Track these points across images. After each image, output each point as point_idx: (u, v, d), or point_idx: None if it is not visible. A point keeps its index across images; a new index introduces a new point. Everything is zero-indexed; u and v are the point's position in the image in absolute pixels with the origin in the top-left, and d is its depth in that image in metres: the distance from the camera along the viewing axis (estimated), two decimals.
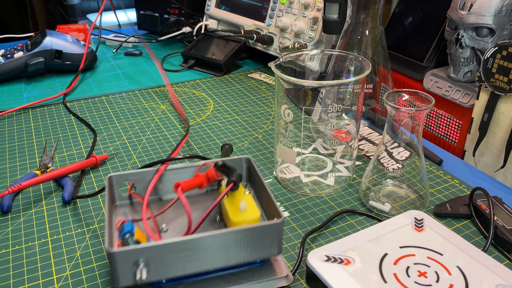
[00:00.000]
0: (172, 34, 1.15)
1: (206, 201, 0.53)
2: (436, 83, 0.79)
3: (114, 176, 0.51)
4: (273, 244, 0.44)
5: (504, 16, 0.69)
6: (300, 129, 0.58)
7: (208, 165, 0.51)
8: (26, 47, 0.98)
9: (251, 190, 0.54)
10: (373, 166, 0.59)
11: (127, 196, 0.52)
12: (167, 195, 0.53)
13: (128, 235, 0.43)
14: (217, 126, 0.80)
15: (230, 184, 0.46)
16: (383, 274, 0.44)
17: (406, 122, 0.54)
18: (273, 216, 0.47)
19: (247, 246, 0.43)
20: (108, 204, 0.47)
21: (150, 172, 0.51)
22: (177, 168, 0.52)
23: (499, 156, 0.66)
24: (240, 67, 1.07)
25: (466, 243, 0.48)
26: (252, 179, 0.53)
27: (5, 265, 0.51)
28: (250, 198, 0.48)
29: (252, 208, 0.47)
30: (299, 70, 0.65)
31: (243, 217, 0.46)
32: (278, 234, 0.44)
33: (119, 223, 0.45)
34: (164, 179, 0.52)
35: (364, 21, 0.68)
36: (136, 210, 0.52)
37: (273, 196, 0.47)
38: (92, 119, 0.83)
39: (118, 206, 0.52)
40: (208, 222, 0.50)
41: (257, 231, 0.43)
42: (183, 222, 0.50)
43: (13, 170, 0.68)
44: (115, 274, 0.40)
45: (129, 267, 0.40)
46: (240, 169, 0.54)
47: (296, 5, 0.93)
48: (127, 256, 0.40)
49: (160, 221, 0.50)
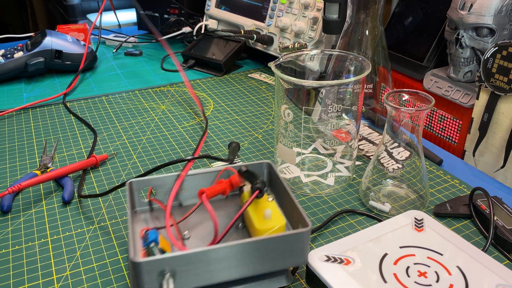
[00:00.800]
0: (172, 34, 1.15)
1: (227, 207, 0.52)
2: (436, 83, 0.79)
3: (135, 181, 0.50)
4: (300, 252, 0.43)
5: (504, 16, 0.69)
6: (300, 129, 0.58)
7: (229, 170, 0.50)
8: (26, 47, 0.98)
9: (272, 195, 0.53)
10: (373, 166, 0.59)
11: (147, 202, 0.51)
12: (188, 201, 0.52)
13: (153, 244, 0.42)
14: (217, 126, 0.80)
15: (256, 192, 0.45)
16: (383, 274, 0.44)
17: (406, 122, 0.54)
18: (297, 223, 0.46)
19: (274, 254, 0.43)
20: (129, 211, 0.46)
21: (171, 178, 0.50)
22: (198, 173, 0.51)
23: (499, 156, 0.66)
24: (240, 67, 1.07)
25: (466, 243, 0.48)
26: (273, 184, 0.52)
27: (5, 265, 0.51)
28: (274, 205, 0.47)
29: (277, 215, 0.46)
30: (299, 70, 0.65)
31: (268, 225, 0.45)
32: (306, 242, 0.43)
33: (143, 231, 0.44)
34: (185, 184, 0.51)
35: (364, 21, 0.68)
36: (156, 216, 0.51)
37: (297, 202, 0.46)
38: (92, 119, 0.83)
39: (138, 212, 0.51)
40: (231, 229, 0.49)
41: (284, 240, 0.42)
42: (205, 228, 0.49)
43: (13, 170, 0.68)
44: (140, 284, 0.39)
45: (154, 277, 0.39)
46: (261, 174, 0.53)
47: (296, 5, 0.93)
48: (154, 266, 0.39)
49: (182, 227, 0.49)
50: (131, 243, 0.41)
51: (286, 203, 0.49)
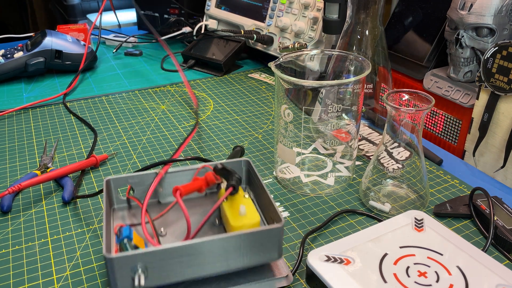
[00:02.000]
0: (172, 34, 1.15)
1: (205, 205, 0.53)
2: (436, 83, 0.79)
3: (112, 179, 0.50)
4: (273, 248, 0.44)
5: (504, 16, 0.69)
6: (300, 129, 0.58)
7: (207, 168, 0.51)
8: (26, 47, 0.98)
9: (251, 193, 0.53)
10: (373, 166, 0.59)
11: (125, 199, 0.52)
12: (166, 198, 0.53)
13: (126, 240, 0.42)
14: (217, 126, 0.80)
15: (230, 189, 0.46)
16: (383, 274, 0.44)
17: (406, 122, 0.54)
18: (272, 219, 0.46)
19: (247, 251, 0.43)
20: (106, 207, 0.47)
21: (149, 175, 0.51)
22: (177, 171, 0.52)
23: (499, 156, 0.66)
24: (240, 67, 1.07)
25: (466, 243, 0.48)
26: (252, 181, 0.53)
27: (5, 265, 0.51)
28: (250, 202, 0.48)
29: (252, 212, 0.46)
30: (299, 70, 0.65)
31: (243, 221, 0.45)
32: (278, 239, 0.43)
33: (117, 228, 0.45)
34: (164, 182, 0.52)
35: (364, 21, 0.68)
36: (134, 213, 0.51)
37: (273, 199, 0.46)
38: (92, 119, 0.83)
39: (116, 209, 0.52)
40: (207, 226, 0.50)
41: (257, 236, 0.43)
42: (182, 226, 0.50)
43: (13, 170, 0.68)
44: (113, 280, 0.40)
45: (127, 273, 0.40)
46: (240, 172, 0.53)
47: (296, 5, 0.93)
48: (125, 261, 0.39)
49: (158, 225, 0.49)
50: (105, 239, 0.42)
51: (263, 200, 0.50)
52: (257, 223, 0.46)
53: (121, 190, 0.52)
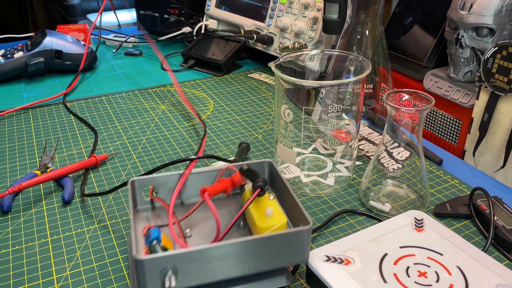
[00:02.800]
0: (172, 34, 1.15)
1: (228, 205, 0.52)
2: (436, 83, 0.79)
3: (137, 180, 0.50)
4: (301, 250, 0.44)
5: (504, 16, 0.69)
6: (300, 129, 0.58)
7: (230, 169, 0.50)
8: (26, 47, 0.98)
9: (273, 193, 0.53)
10: (373, 166, 0.59)
11: (148, 200, 0.52)
12: (189, 199, 0.52)
13: (155, 241, 0.42)
14: (217, 126, 0.80)
15: (257, 190, 0.45)
16: (383, 274, 0.44)
17: (406, 122, 0.54)
18: (298, 221, 0.46)
19: (275, 252, 0.43)
20: (132, 209, 0.47)
21: (173, 176, 0.51)
22: (200, 172, 0.51)
23: (499, 156, 0.66)
24: (240, 67, 1.07)
25: (466, 243, 0.48)
26: (274, 182, 0.53)
27: (5, 265, 0.51)
28: (275, 203, 0.47)
29: (278, 213, 0.46)
30: (299, 70, 0.66)
31: (269, 223, 0.45)
32: (307, 240, 0.43)
33: (145, 229, 0.44)
34: (187, 183, 0.52)
35: (364, 21, 0.68)
36: (158, 214, 0.51)
37: (299, 200, 0.46)
38: (92, 119, 0.83)
39: (140, 210, 0.51)
40: (233, 228, 0.49)
41: (285, 238, 0.42)
42: (206, 226, 0.49)
43: (13, 170, 0.68)
44: (143, 282, 0.39)
45: (157, 275, 0.40)
46: (262, 173, 0.53)
47: (296, 5, 0.93)
48: (156, 263, 0.39)
49: (184, 226, 0.49)
50: (134, 241, 0.41)
51: (287, 202, 0.49)
52: (284, 224, 0.45)
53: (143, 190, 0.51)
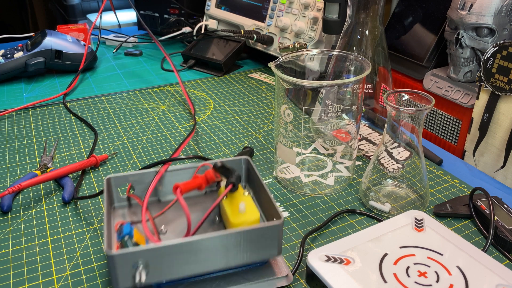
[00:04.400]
0: (172, 34, 1.15)
1: (205, 203, 0.53)
2: (436, 83, 0.79)
3: (113, 177, 0.50)
4: (273, 245, 0.44)
5: (504, 16, 0.69)
6: (300, 129, 0.58)
7: (207, 166, 0.51)
8: (26, 47, 0.98)
9: (250, 191, 0.54)
10: (373, 166, 0.59)
11: (125, 198, 0.52)
12: (166, 197, 0.53)
13: (127, 237, 0.43)
14: (217, 126, 0.80)
15: (229, 186, 0.46)
16: (383, 274, 0.44)
17: (406, 122, 0.54)
18: (272, 217, 0.47)
19: (247, 247, 0.43)
20: (107, 205, 0.47)
21: (150, 174, 0.51)
22: (177, 169, 0.52)
23: (499, 156, 0.66)
24: (240, 67, 1.07)
25: (466, 243, 0.48)
26: (252, 179, 0.53)
27: (5, 265, 0.51)
28: (249, 199, 0.48)
29: (252, 209, 0.47)
30: (299, 70, 0.66)
31: (242, 218, 0.46)
32: (278, 235, 0.44)
33: (118, 225, 0.45)
34: (164, 181, 0.52)
35: (364, 21, 0.68)
36: (135, 212, 0.52)
37: (272, 197, 0.47)
38: (92, 119, 0.83)
39: (116, 207, 0.52)
40: (208, 224, 0.50)
41: (256, 233, 0.43)
42: (182, 223, 0.50)
43: (13, 170, 0.68)
44: (114, 276, 0.40)
45: (128, 269, 0.40)
46: (239, 170, 0.54)
47: (296, 5, 0.93)
48: (126, 258, 0.40)
49: (159, 222, 0.50)
50: (106, 236, 0.42)
51: (262, 198, 0.50)
52: (257, 220, 0.46)
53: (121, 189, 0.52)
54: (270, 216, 0.47)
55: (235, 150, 0.73)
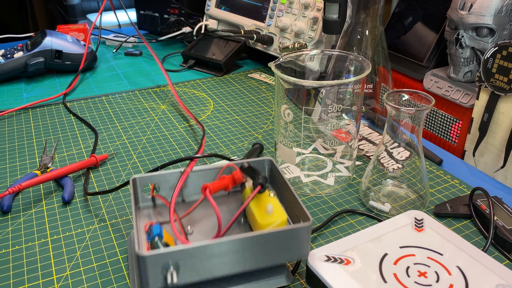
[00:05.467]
0: (172, 34, 1.15)
1: (229, 203, 0.53)
2: (436, 83, 0.79)
3: (138, 177, 0.50)
4: (302, 246, 0.44)
5: (504, 16, 0.69)
6: (300, 129, 0.58)
7: (231, 167, 0.50)
8: (26, 47, 0.98)
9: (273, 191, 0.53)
10: (373, 166, 0.59)
11: (149, 198, 0.52)
12: (190, 197, 0.53)
13: (157, 238, 0.42)
14: (217, 126, 0.80)
15: (258, 187, 0.46)
16: (383, 274, 0.44)
17: (406, 122, 0.54)
18: (298, 217, 0.46)
19: (276, 248, 0.43)
20: (134, 206, 0.47)
21: (174, 174, 0.51)
22: (201, 169, 0.52)
23: (499, 156, 0.66)
24: (240, 67, 1.07)
25: (466, 243, 0.48)
26: (274, 180, 0.53)
27: (5, 265, 0.51)
28: (276, 200, 0.48)
29: (279, 210, 0.46)
30: (299, 70, 0.65)
31: (270, 219, 0.45)
32: (307, 236, 0.44)
33: (147, 226, 0.45)
34: (188, 181, 0.52)
35: (364, 21, 0.68)
36: (159, 212, 0.51)
37: (299, 198, 0.46)
38: (92, 119, 0.83)
39: (141, 208, 0.52)
40: (234, 225, 0.50)
41: (286, 234, 0.43)
42: (207, 224, 0.50)
43: (13, 170, 0.68)
44: (145, 277, 0.40)
45: (159, 270, 0.40)
46: (262, 171, 0.53)
47: (296, 5, 0.93)
48: (158, 259, 0.40)
49: (185, 223, 0.49)
50: (136, 237, 0.42)
51: (287, 199, 0.49)
52: (284, 221, 0.46)
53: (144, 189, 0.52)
54: (295, 216, 0.47)
55: (235, 150, 0.73)
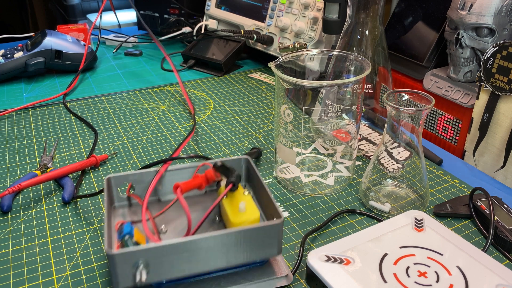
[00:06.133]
0: (172, 34, 1.15)
1: (205, 202, 0.53)
2: (436, 83, 0.79)
3: (113, 177, 0.50)
4: (273, 244, 0.44)
5: (504, 16, 0.69)
6: (300, 129, 0.58)
7: (207, 165, 0.51)
8: (26, 47, 0.98)
9: (250, 190, 0.54)
10: (373, 166, 0.59)
11: (125, 197, 0.52)
12: (166, 196, 0.53)
13: (127, 236, 0.43)
14: (217, 126, 0.80)
15: (229, 185, 0.46)
16: (383, 274, 0.44)
17: (406, 122, 0.54)
18: (272, 216, 0.47)
19: (247, 246, 0.43)
20: (107, 205, 0.47)
21: (150, 173, 0.51)
22: (177, 169, 0.52)
23: (499, 156, 0.66)
24: (240, 67, 1.07)
25: (466, 243, 0.48)
26: (252, 179, 0.53)
27: (5, 265, 0.51)
28: (250, 198, 0.48)
29: (252, 208, 0.47)
30: (299, 70, 0.65)
31: (242, 217, 0.46)
32: (278, 235, 0.44)
33: (118, 225, 0.45)
34: (164, 180, 0.52)
35: (364, 21, 0.68)
36: (135, 211, 0.52)
37: (272, 196, 0.47)
38: (92, 119, 0.83)
39: (117, 207, 0.52)
40: (208, 223, 0.50)
41: (257, 232, 0.43)
42: (182, 223, 0.50)
43: (13, 170, 0.68)
44: (115, 275, 0.40)
45: (128, 269, 0.40)
46: (239, 170, 0.54)
47: (296, 5, 0.93)
48: (127, 257, 0.40)
49: (159, 222, 0.50)
50: (106, 235, 0.42)
51: (262, 197, 0.50)
52: (257, 219, 0.46)
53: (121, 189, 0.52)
54: (270, 215, 0.47)
55: (235, 150, 0.73)
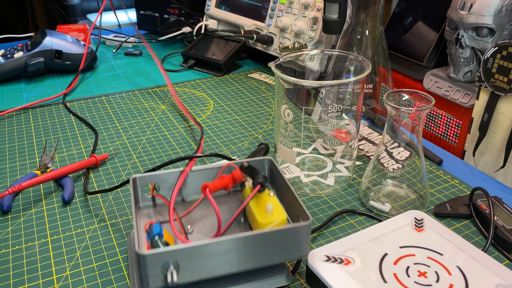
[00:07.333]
0: (172, 34, 1.15)
1: (229, 202, 0.53)
2: (436, 83, 0.79)
3: (138, 177, 0.50)
4: (301, 245, 0.44)
5: (504, 16, 0.69)
6: (300, 129, 0.58)
7: (231, 166, 0.51)
8: (26, 47, 0.98)
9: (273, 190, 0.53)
10: (373, 166, 0.59)
11: (150, 197, 0.52)
12: (190, 196, 0.53)
13: (157, 237, 0.42)
14: (217, 126, 0.80)
15: (258, 186, 0.46)
16: (383, 274, 0.44)
17: (406, 122, 0.54)
18: (297, 216, 0.46)
19: (277, 248, 0.43)
20: (134, 206, 0.47)
21: (174, 173, 0.51)
22: (200, 169, 0.52)
23: (499, 156, 0.66)
24: (240, 67, 1.07)
25: (466, 243, 0.48)
26: (274, 180, 0.53)
27: (5, 265, 0.51)
28: (275, 200, 0.48)
29: (278, 210, 0.46)
30: (299, 70, 0.65)
31: (270, 218, 0.45)
32: (306, 236, 0.44)
33: (147, 225, 0.45)
34: (187, 180, 0.52)
35: (364, 21, 0.68)
36: (159, 211, 0.51)
37: (298, 197, 0.47)
38: (92, 119, 0.83)
39: (141, 207, 0.52)
40: (234, 224, 0.50)
41: (287, 233, 0.43)
42: (207, 223, 0.50)
43: (13, 170, 0.68)
44: (145, 276, 0.40)
45: (158, 270, 0.40)
46: (262, 170, 0.54)
47: (296, 5, 0.93)
48: (158, 258, 0.40)
49: (185, 222, 0.50)
50: (136, 236, 0.42)
51: (287, 198, 0.50)
52: (284, 220, 0.46)
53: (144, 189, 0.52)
54: (295, 216, 0.47)
55: (235, 150, 0.73)
